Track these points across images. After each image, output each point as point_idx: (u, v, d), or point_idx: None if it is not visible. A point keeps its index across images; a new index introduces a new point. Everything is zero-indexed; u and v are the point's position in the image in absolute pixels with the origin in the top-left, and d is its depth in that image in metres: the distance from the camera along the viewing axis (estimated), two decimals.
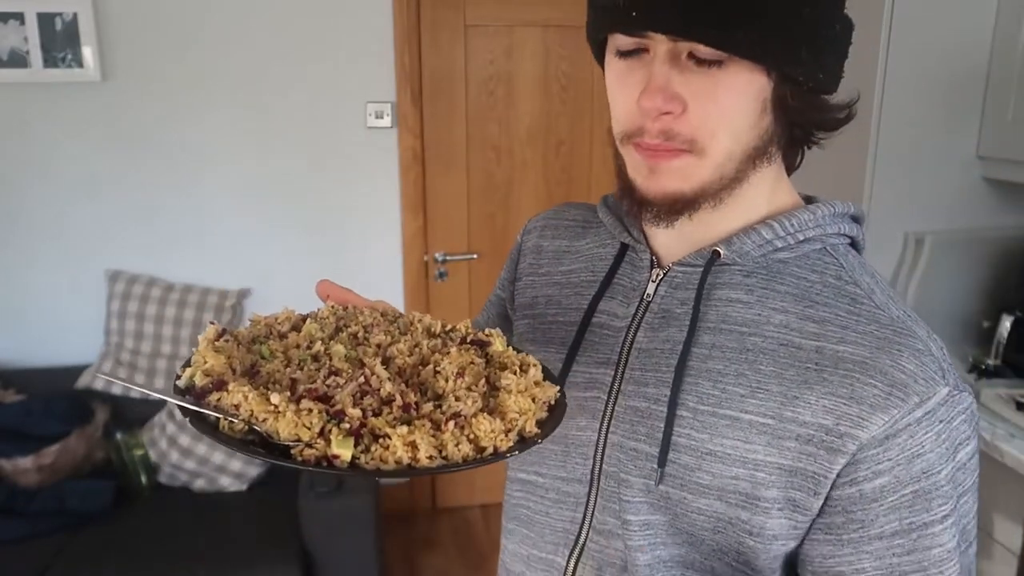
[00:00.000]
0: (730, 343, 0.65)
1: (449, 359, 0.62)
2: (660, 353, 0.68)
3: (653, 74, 0.59)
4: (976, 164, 1.98)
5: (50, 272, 2.62)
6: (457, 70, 2.72)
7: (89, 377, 2.53)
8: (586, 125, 2.84)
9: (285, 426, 0.53)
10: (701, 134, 0.60)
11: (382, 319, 0.71)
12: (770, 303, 0.65)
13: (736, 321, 0.65)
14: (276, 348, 0.64)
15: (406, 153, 2.71)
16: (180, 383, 0.59)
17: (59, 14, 2.41)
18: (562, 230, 0.86)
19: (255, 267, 2.71)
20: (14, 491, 2.23)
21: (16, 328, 2.65)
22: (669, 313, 0.69)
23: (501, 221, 2.88)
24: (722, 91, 0.58)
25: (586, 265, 0.80)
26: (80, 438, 2.35)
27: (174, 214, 2.64)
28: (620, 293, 0.74)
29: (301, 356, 0.62)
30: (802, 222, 0.67)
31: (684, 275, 0.70)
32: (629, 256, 0.75)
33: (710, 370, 0.64)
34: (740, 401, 0.62)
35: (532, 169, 2.85)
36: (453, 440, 0.53)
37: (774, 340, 0.63)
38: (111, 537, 2.14)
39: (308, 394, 0.55)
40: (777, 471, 0.61)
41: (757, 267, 0.67)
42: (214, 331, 0.64)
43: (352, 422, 0.53)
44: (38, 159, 2.54)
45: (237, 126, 2.61)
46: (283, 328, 0.68)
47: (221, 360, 0.59)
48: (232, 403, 0.55)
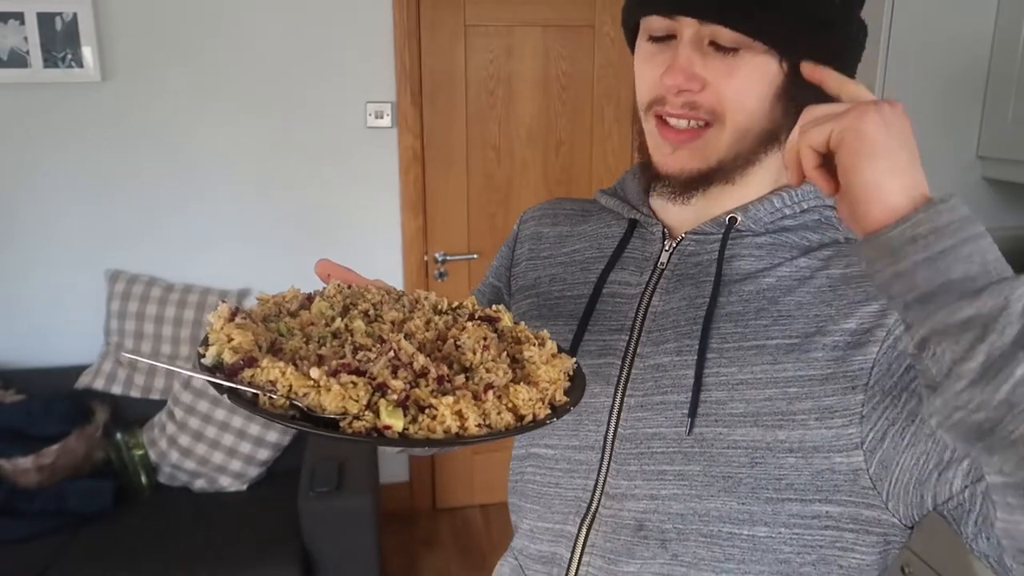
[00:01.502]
0: (746, 287, 0.70)
1: (467, 333, 0.64)
2: (677, 312, 0.72)
3: (678, 55, 0.66)
4: (976, 164, 1.98)
5: (50, 272, 2.62)
6: (457, 70, 2.72)
7: (89, 377, 2.52)
8: (586, 125, 2.84)
9: (332, 399, 0.53)
10: (719, 105, 0.66)
11: (388, 296, 0.71)
12: (778, 255, 0.71)
13: (748, 271, 0.71)
14: (292, 325, 0.63)
15: (406, 153, 2.71)
16: (206, 361, 0.59)
17: (59, 14, 2.41)
18: (561, 218, 0.89)
19: (255, 267, 2.71)
20: (14, 491, 2.23)
21: (16, 328, 2.64)
22: (684, 275, 0.74)
23: (501, 221, 2.88)
24: (738, 74, 0.65)
25: (591, 244, 0.83)
26: (80, 438, 2.35)
27: (174, 214, 2.64)
28: (632, 264, 0.78)
29: (321, 333, 0.62)
30: (804, 193, 0.74)
31: (697, 243, 0.74)
32: (639, 231, 0.79)
33: (729, 313, 0.69)
34: (764, 331, 0.67)
35: (532, 169, 2.85)
36: (495, 409, 0.55)
37: (786, 277, 0.69)
38: (111, 537, 2.14)
39: (343, 368, 0.55)
40: (809, 382, 0.64)
41: (767, 231, 0.73)
42: (227, 309, 0.63)
43: (397, 393, 0.54)
44: (38, 159, 2.54)
45: (237, 126, 2.61)
46: (292, 307, 0.68)
47: (248, 336, 0.58)
48: (267, 379, 0.55)
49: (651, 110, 0.70)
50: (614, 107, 2.81)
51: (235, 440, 2.38)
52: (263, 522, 2.21)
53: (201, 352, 0.59)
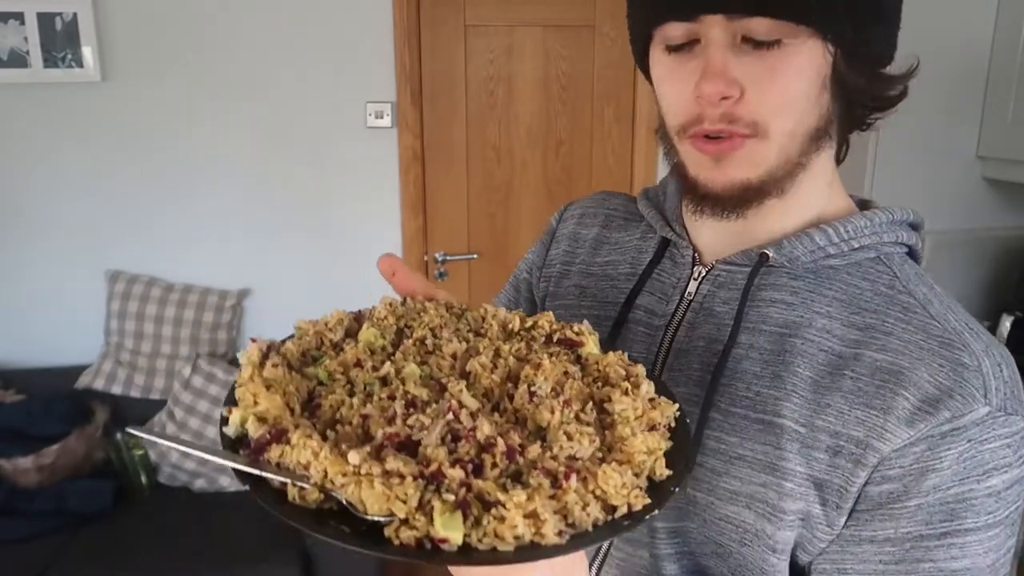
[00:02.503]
0: (768, 344, 0.62)
1: (543, 372, 0.52)
2: (695, 353, 0.65)
3: (710, 59, 0.56)
4: (976, 164, 1.98)
5: (50, 272, 2.62)
6: (457, 70, 2.72)
7: (89, 377, 2.52)
8: (586, 125, 2.84)
9: (374, 499, 0.42)
10: (762, 116, 0.57)
11: (448, 316, 0.61)
12: (815, 306, 0.62)
13: (776, 322, 0.62)
14: (334, 368, 0.53)
15: (406, 153, 2.71)
16: (228, 431, 0.49)
17: (59, 14, 2.41)
18: (602, 219, 0.81)
19: (255, 267, 2.71)
20: (14, 491, 2.23)
21: (16, 328, 2.64)
22: (710, 312, 0.66)
23: (501, 221, 2.88)
24: (781, 73, 0.56)
25: (625, 258, 0.76)
26: (80, 438, 2.35)
27: (174, 214, 2.64)
28: (659, 290, 0.70)
29: (368, 380, 0.52)
30: (857, 228, 0.63)
31: (728, 274, 0.66)
32: (670, 252, 0.71)
33: (745, 371, 0.62)
34: (774, 404, 0.60)
35: (532, 169, 2.85)
36: (578, 503, 0.43)
37: (814, 344, 0.60)
38: (111, 537, 2.14)
39: (389, 441, 0.45)
40: (805, 482, 0.58)
41: (806, 271, 0.64)
42: (258, 352, 0.52)
43: (454, 488, 0.42)
44: (38, 159, 2.54)
45: (237, 126, 2.61)
46: (335, 336, 0.57)
47: (276, 400, 0.48)
48: (299, 460, 0.44)
49: (687, 133, 0.60)
50: (614, 107, 2.81)
51: None
52: (263, 522, 2.21)
53: (225, 415, 0.50)
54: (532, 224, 2.87)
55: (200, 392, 2.42)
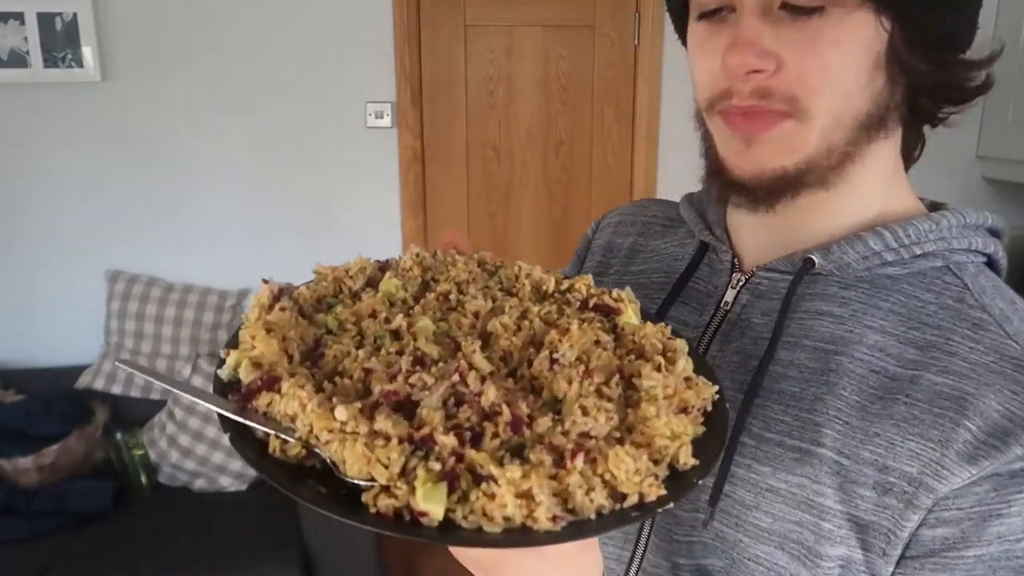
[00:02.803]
0: (810, 362, 0.54)
1: (571, 339, 0.48)
2: (727, 368, 0.58)
3: (740, 28, 0.50)
4: (976, 164, 1.98)
5: (50, 272, 2.62)
6: (457, 70, 2.72)
7: (89, 377, 2.52)
8: (586, 125, 2.84)
9: (354, 460, 0.39)
10: (801, 91, 0.50)
11: (479, 272, 0.57)
12: (866, 320, 0.54)
13: (821, 337, 0.55)
14: (346, 316, 0.50)
15: (406, 153, 2.71)
16: (222, 373, 0.47)
17: (59, 14, 2.41)
18: (639, 227, 0.75)
19: (255, 267, 2.71)
20: (14, 491, 2.23)
21: (16, 328, 2.64)
22: (747, 324, 0.59)
23: (501, 221, 2.88)
24: (824, 43, 0.49)
25: (660, 266, 0.69)
26: (80, 438, 2.35)
27: (174, 214, 2.64)
28: (694, 299, 0.63)
29: (378, 332, 0.48)
30: (921, 232, 0.55)
31: (770, 282, 0.59)
32: (708, 257, 0.64)
33: (782, 392, 0.54)
34: (813, 431, 0.52)
35: (532, 169, 2.85)
36: (581, 485, 0.39)
37: (863, 363, 0.53)
38: (111, 537, 2.14)
39: (385, 399, 0.42)
40: (846, 523, 0.50)
41: (858, 280, 0.56)
42: (268, 294, 0.50)
43: (444, 457, 0.39)
44: (38, 159, 2.54)
45: (237, 126, 2.61)
46: (355, 284, 0.54)
47: (273, 345, 0.45)
48: (286, 412, 0.42)
49: (715, 109, 0.54)
50: (614, 107, 2.81)
51: None
52: (263, 522, 2.21)
53: (223, 357, 0.47)
54: (532, 224, 2.87)
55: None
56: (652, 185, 2.81)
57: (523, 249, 2.88)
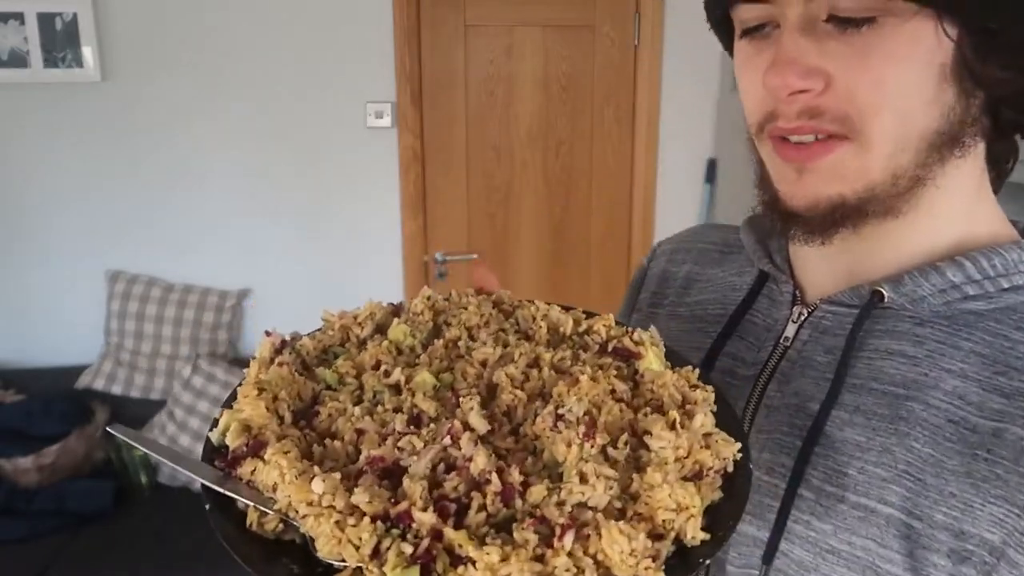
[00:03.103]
0: (879, 408, 0.49)
1: (581, 390, 0.44)
2: (785, 411, 0.53)
3: (781, 45, 0.46)
4: None
5: (50, 272, 2.62)
6: (457, 70, 2.72)
7: (89, 377, 2.52)
8: (586, 125, 2.84)
9: (324, 539, 0.36)
10: (853, 110, 0.45)
11: (493, 314, 0.54)
12: (944, 362, 0.48)
13: (893, 380, 0.49)
14: (347, 369, 0.47)
15: (406, 153, 2.71)
16: (213, 436, 0.44)
17: (59, 14, 2.41)
18: (696, 254, 0.69)
19: (255, 267, 2.71)
20: (14, 491, 2.23)
21: (16, 328, 2.64)
22: (808, 362, 0.54)
23: (501, 221, 2.88)
24: (876, 57, 0.44)
25: (717, 296, 0.64)
26: (80, 438, 2.35)
27: (174, 214, 2.64)
28: (751, 333, 0.58)
29: (376, 387, 0.45)
30: (1008, 263, 0.49)
31: (835, 317, 0.54)
32: (768, 288, 0.59)
33: (847, 440, 0.49)
34: (880, 487, 0.47)
35: (532, 169, 2.85)
36: (569, 569, 0.35)
37: (940, 412, 0.47)
38: (111, 537, 2.14)
39: (371, 465, 0.39)
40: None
41: (935, 316, 0.50)
42: (269, 347, 0.47)
43: (421, 536, 0.35)
44: (38, 159, 2.54)
45: (237, 126, 2.61)
46: (364, 332, 0.50)
47: (261, 407, 0.42)
48: (267, 482, 0.39)
49: (764, 132, 0.49)
50: (614, 107, 2.81)
51: None
52: None
53: (217, 417, 0.45)
54: (532, 224, 2.87)
55: (200, 392, 2.42)
56: (652, 185, 2.81)
57: (523, 249, 2.88)
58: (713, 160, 2.75)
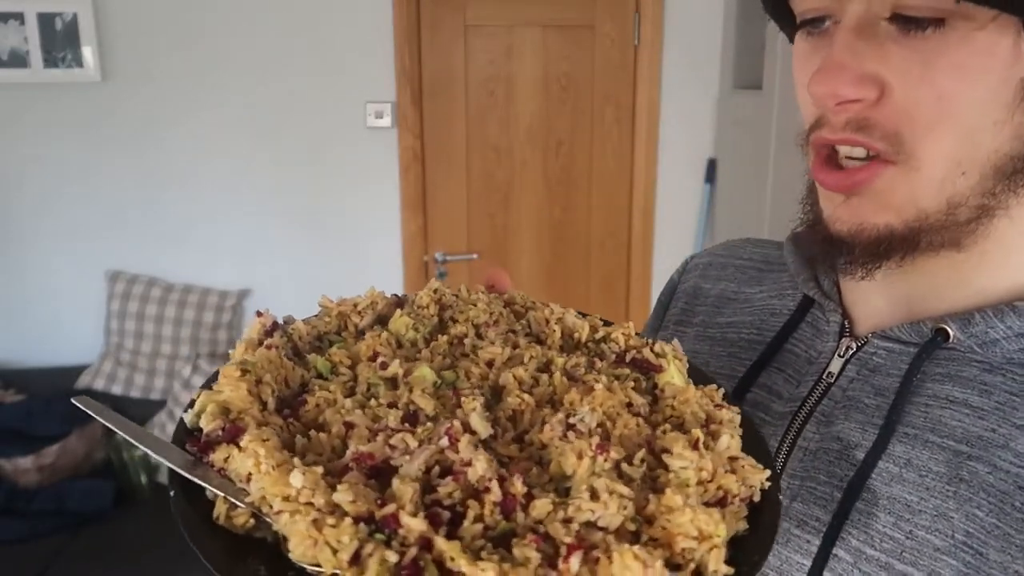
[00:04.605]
0: (935, 465, 0.43)
1: (595, 399, 0.40)
2: (825, 458, 0.47)
3: (833, 46, 0.41)
4: None
5: (50, 272, 2.62)
6: (457, 70, 2.72)
7: (89, 377, 2.52)
8: (586, 125, 2.84)
9: (297, 540, 0.32)
10: (907, 127, 0.40)
11: (504, 313, 0.49)
12: (1018, 418, 0.42)
13: (953, 433, 0.43)
14: (340, 358, 0.43)
15: (406, 153, 2.71)
16: (188, 418, 0.40)
17: (59, 14, 2.41)
18: (731, 271, 0.63)
19: (255, 267, 2.71)
20: (14, 491, 2.23)
21: (16, 328, 2.64)
22: (854, 404, 0.47)
23: (501, 221, 2.88)
24: (942, 67, 0.38)
25: (754, 319, 0.57)
26: (80, 438, 2.35)
27: (174, 214, 2.64)
28: (790, 365, 0.52)
29: (372, 379, 0.41)
30: None
31: (888, 354, 0.48)
32: (812, 316, 0.53)
33: (894, 499, 0.43)
34: (932, 557, 0.41)
35: (532, 169, 2.85)
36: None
37: (1009, 476, 0.41)
38: (111, 537, 2.14)
39: (357, 462, 0.35)
40: None
41: (1008, 363, 0.44)
42: (259, 328, 0.44)
43: (408, 543, 0.31)
44: (38, 159, 2.54)
45: (237, 126, 2.61)
46: (363, 321, 0.47)
47: (242, 389, 0.38)
48: (241, 471, 0.35)
49: (809, 139, 0.45)
50: (614, 107, 2.81)
51: None
52: None
53: (194, 398, 0.41)
54: (532, 224, 2.87)
55: None
56: (652, 185, 2.81)
57: (523, 249, 2.88)
58: (713, 160, 2.75)
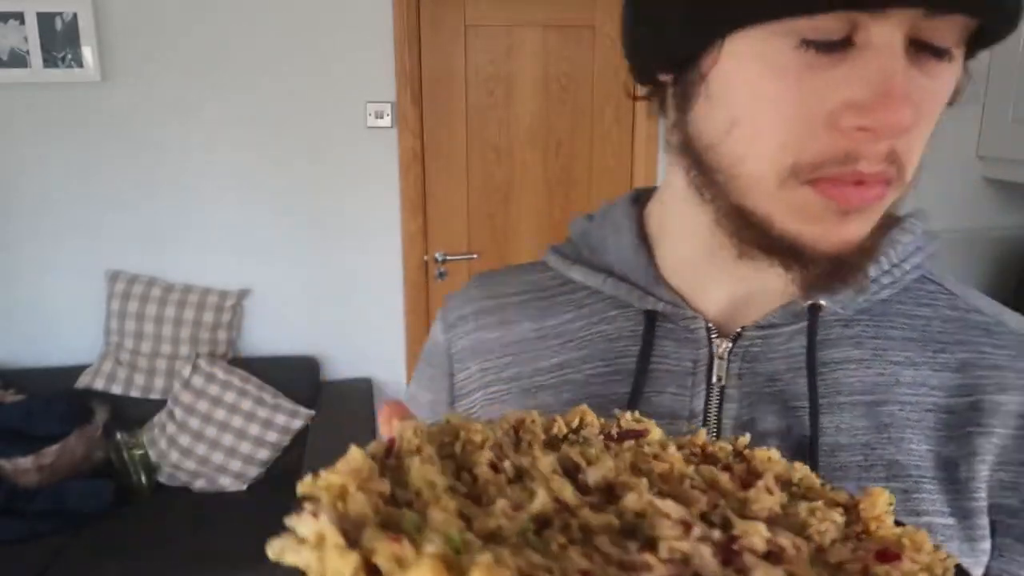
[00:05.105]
0: (858, 420, 0.46)
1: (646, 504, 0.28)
2: None
3: (895, 73, 0.36)
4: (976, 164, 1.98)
5: (50, 272, 2.62)
6: (457, 70, 2.72)
7: (89, 377, 2.52)
8: (586, 125, 2.84)
9: None
10: (910, 152, 0.40)
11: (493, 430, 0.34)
12: (890, 356, 0.47)
13: (853, 388, 0.46)
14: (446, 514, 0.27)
15: (406, 153, 2.71)
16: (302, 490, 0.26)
17: (59, 14, 2.41)
18: (512, 311, 0.57)
19: (255, 267, 2.71)
20: (14, 491, 2.23)
21: (16, 328, 2.64)
22: (759, 397, 0.48)
23: (501, 221, 2.88)
24: (940, 99, 0.40)
25: (590, 352, 0.53)
26: (80, 438, 2.35)
27: (174, 214, 2.64)
28: (671, 383, 0.50)
29: (524, 527, 0.26)
30: (906, 248, 0.50)
31: (764, 342, 0.49)
32: (664, 329, 0.51)
33: (847, 465, 0.45)
34: (904, 501, 0.45)
35: (532, 169, 2.85)
36: None
37: (914, 406, 0.46)
38: (111, 537, 2.14)
39: None
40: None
41: (858, 313, 0.49)
42: (363, 461, 0.29)
43: None
44: (37, 159, 2.54)
45: (237, 126, 2.61)
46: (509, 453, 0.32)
47: (361, 502, 0.27)
48: None
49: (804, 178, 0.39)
50: (614, 107, 2.81)
51: (235, 440, 2.38)
52: (263, 522, 2.21)
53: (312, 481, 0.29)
54: (532, 224, 2.87)
55: (200, 392, 2.42)
56: (652, 185, 2.81)
57: (523, 249, 2.88)
58: None
